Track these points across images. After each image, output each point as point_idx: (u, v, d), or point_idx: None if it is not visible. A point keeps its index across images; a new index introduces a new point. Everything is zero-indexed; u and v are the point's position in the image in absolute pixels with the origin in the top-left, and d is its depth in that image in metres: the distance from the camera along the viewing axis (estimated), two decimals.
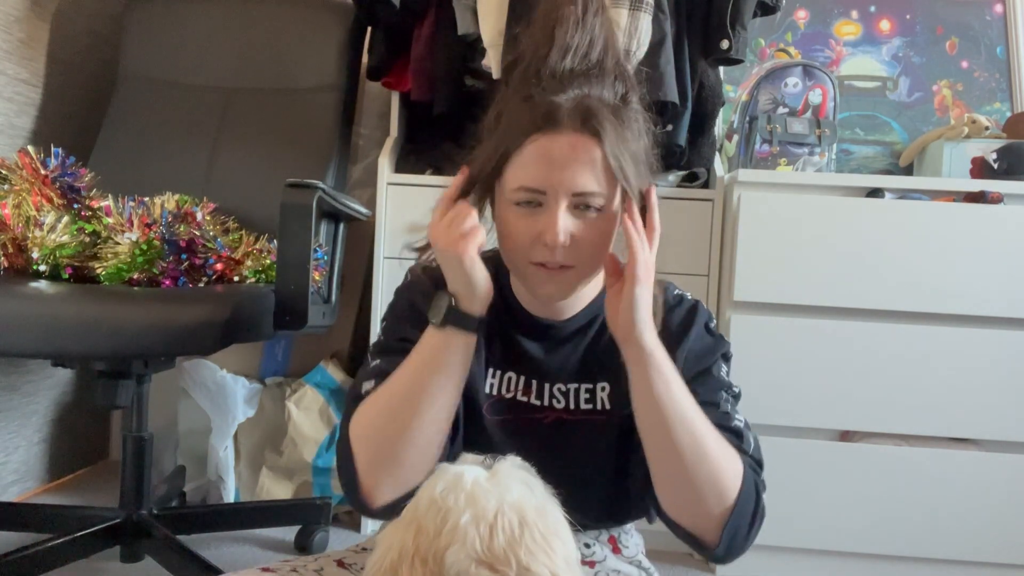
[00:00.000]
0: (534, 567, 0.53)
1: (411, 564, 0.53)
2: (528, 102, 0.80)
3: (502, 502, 0.55)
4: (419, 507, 0.56)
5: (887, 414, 1.58)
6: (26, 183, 1.39)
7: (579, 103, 0.78)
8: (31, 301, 1.18)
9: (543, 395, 0.89)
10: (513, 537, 0.53)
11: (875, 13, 2.11)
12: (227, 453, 1.76)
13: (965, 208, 1.57)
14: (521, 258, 0.82)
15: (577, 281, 0.84)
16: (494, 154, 0.81)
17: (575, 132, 0.77)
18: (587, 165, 0.77)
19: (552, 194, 0.78)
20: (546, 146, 0.77)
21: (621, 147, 0.78)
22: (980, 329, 1.55)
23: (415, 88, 1.72)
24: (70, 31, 1.89)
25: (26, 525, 1.49)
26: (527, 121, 0.79)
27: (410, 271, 0.96)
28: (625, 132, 0.79)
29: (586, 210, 0.78)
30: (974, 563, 1.59)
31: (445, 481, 0.57)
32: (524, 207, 0.80)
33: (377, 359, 0.88)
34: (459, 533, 0.53)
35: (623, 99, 0.82)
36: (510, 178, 0.80)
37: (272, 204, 1.24)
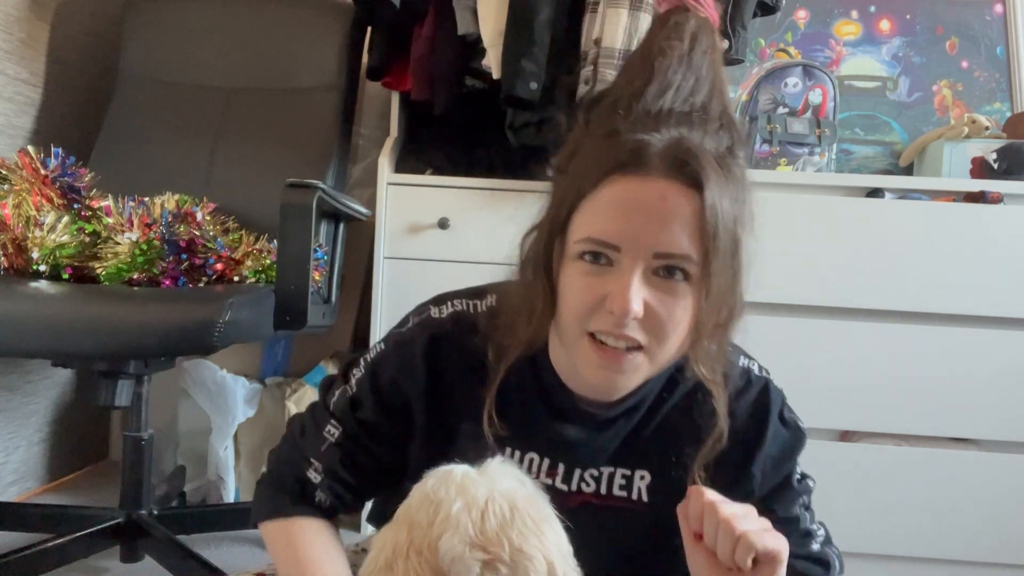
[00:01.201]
0: (526, 548, 0.54)
1: (406, 557, 0.53)
2: (611, 139, 0.66)
3: (492, 490, 0.56)
4: (411, 505, 0.57)
5: (887, 414, 1.58)
6: (26, 183, 1.39)
7: (675, 143, 0.64)
8: (31, 301, 1.18)
9: (571, 480, 0.78)
10: (505, 520, 0.54)
11: (875, 13, 2.11)
12: (227, 453, 1.76)
13: (965, 208, 1.57)
14: (576, 328, 0.67)
15: (644, 369, 0.67)
16: (562, 200, 0.67)
17: (667, 177, 0.62)
18: (678, 220, 0.62)
19: (628, 251, 0.63)
20: (628, 190, 0.63)
21: (724, 203, 0.63)
22: (980, 329, 1.55)
23: (415, 88, 1.72)
24: (70, 31, 1.89)
25: (26, 525, 1.48)
26: (607, 158, 0.65)
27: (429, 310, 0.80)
28: (730, 187, 0.65)
29: (669, 276, 0.63)
30: (974, 563, 1.59)
31: (435, 477, 0.58)
32: (590, 263, 0.65)
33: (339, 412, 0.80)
34: (451, 521, 0.53)
35: (729, 151, 0.67)
36: (578, 226, 0.66)
37: (272, 204, 1.24)
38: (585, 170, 0.66)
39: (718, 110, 0.68)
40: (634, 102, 0.67)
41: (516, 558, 0.53)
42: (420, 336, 0.78)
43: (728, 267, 0.65)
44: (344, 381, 0.83)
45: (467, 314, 0.79)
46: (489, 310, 0.78)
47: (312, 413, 0.84)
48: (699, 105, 0.67)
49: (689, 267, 0.63)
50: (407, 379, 0.77)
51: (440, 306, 0.80)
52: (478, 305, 0.79)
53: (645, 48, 0.70)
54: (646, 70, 0.68)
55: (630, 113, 0.66)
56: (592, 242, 0.64)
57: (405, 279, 1.67)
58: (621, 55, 1.48)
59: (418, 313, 0.81)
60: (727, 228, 0.64)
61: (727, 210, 0.64)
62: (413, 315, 0.82)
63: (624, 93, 0.68)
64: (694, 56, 0.68)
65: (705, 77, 0.68)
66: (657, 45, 0.69)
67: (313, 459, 0.80)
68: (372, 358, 0.82)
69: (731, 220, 0.64)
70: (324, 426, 0.81)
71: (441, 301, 0.81)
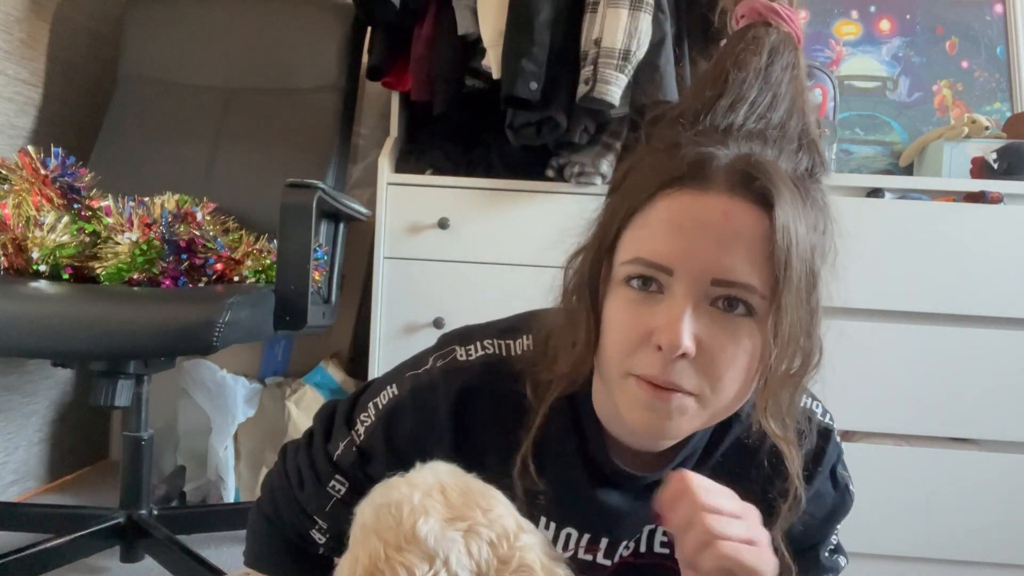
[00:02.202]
0: (495, 508, 0.54)
1: (386, 560, 0.52)
2: (670, 151, 0.59)
3: (437, 476, 0.56)
4: (366, 520, 0.55)
5: (887, 414, 1.58)
6: (26, 183, 1.39)
7: (743, 157, 0.56)
8: (31, 301, 1.18)
9: (613, 553, 0.71)
10: (466, 492, 0.54)
11: (875, 13, 2.10)
12: (227, 453, 1.76)
13: (965, 208, 1.57)
14: (618, 367, 0.58)
15: (695, 417, 0.58)
16: (612, 218, 0.60)
17: (731, 194, 0.55)
18: (742, 242, 0.54)
19: (682, 275, 0.55)
20: (685, 206, 0.55)
21: (799, 228, 0.55)
22: (980, 329, 1.55)
23: (415, 88, 1.72)
24: (70, 31, 1.89)
25: (26, 525, 1.48)
26: (664, 171, 0.57)
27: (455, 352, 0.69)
28: (807, 212, 0.57)
29: (729, 309, 0.55)
30: (974, 563, 1.59)
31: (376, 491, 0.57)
32: (638, 289, 0.56)
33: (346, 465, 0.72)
34: (419, 510, 0.53)
35: (808, 173, 0.60)
36: (626, 245, 0.58)
37: (272, 204, 1.24)
38: (639, 184, 0.59)
39: (798, 130, 0.61)
40: (701, 115, 0.60)
41: (490, 518, 0.54)
42: (444, 386, 0.68)
43: (803, 303, 0.57)
44: (349, 427, 0.74)
45: (499, 358, 0.69)
46: (524, 353, 0.68)
47: (311, 462, 0.75)
48: (775, 123, 0.60)
49: (753, 300, 0.55)
50: (428, 434, 0.69)
51: (467, 347, 0.70)
52: (511, 347, 0.70)
53: (719, 60, 0.63)
54: (718, 82, 0.61)
55: (695, 126, 0.60)
56: (641, 263, 0.56)
57: (405, 279, 1.67)
58: (621, 55, 1.48)
59: (442, 355, 0.70)
60: (802, 257, 0.56)
61: (803, 236, 0.56)
62: (434, 355, 0.71)
63: (691, 106, 0.62)
64: (772, 71, 0.60)
65: (784, 94, 0.61)
66: (732, 58, 0.61)
67: (317, 518, 0.74)
68: (385, 406, 0.71)
69: (807, 249, 0.57)
70: (328, 481, 0.73)
71: (468, 340, 0.70)
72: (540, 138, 1.59)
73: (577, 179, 1.61)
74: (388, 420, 0.71)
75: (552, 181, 1.66)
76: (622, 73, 1.49)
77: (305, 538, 0.76)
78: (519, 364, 0.67)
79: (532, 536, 0.55)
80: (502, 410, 0.67)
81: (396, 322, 1.66)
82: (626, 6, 1.48)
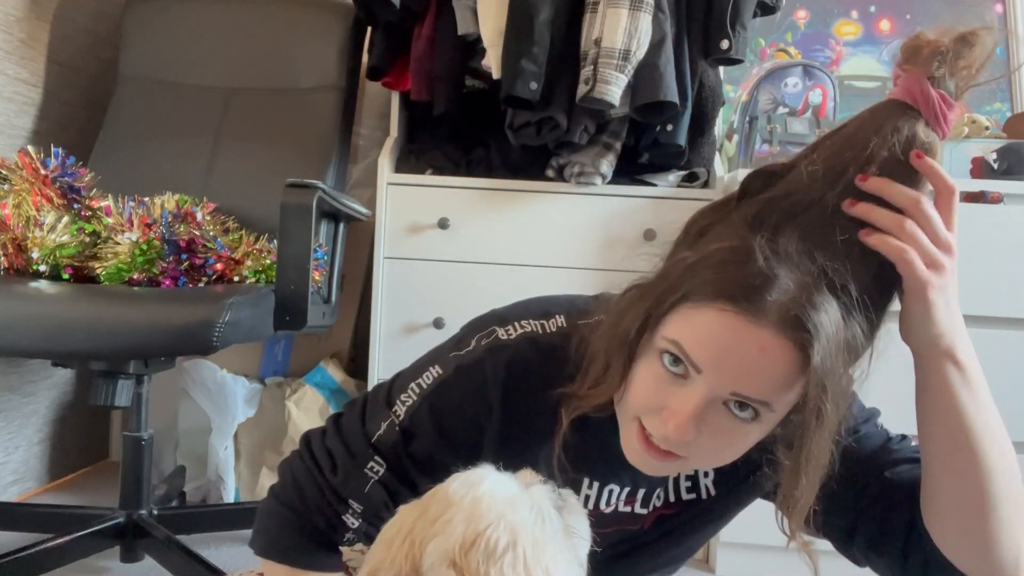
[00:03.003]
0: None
1: (401, 544, 0.53)
2: (740, 256, 0.59)
3: (502, 517, 0.54)
4: (436, 494, 0.57)
5: (887, 414, 1.58)
6: (26, 183, 1.39)
7: (801, 299, 0.56)
8: (31, 301, 1.18)
9: (649, 502, 0.78)
10: (493, 552, 0.53)
11: (875, 13, 2.11)
12: (227, 453, 1.76)
13: (965, 208, 1.57)
14: (630, 413, 0.65)
15: (677, 471, 0.69)
16: (672, 288, 0.61)
17: (776, 331, 0.56)
18: (769, 373, 0.58)
19: (707, 379, 0.59)
20: (731, 328, 0.57)
21: (835, 361, 0.57)
22: (980, 329, 1.55)
23: (415, 88, 1.72)
24: (70, 31, 1.89)
25: (26, 525, 1.48)
26: (725, 281, 0.58)
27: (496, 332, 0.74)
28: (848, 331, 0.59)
29: (739, 410, 0.60)
30: None
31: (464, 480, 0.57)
32: (668, 366, 0.61)
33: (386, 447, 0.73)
34: (448, 529, 0.53)
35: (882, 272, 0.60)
36: (672, 324, 0.61)
37: (272, 204, 1.24)
38: (703, 277, 0.60)
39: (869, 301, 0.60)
40: (799, 214, 0.59)
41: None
42: (491, 361, 0.72)
43: (828, 439, 0.60)
44: (388, 408, 0.75)
45: (540, 335, 0.73)
46: (560, 331, 0.73)
47: (345, 445, 0.75)
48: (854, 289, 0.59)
49: (763, 410, 0.60)
50: (478, 408, 0.72)
51: (506, 327, 0.74)
52: (546, 325, 0.74)
53: (846, 141, 0.61)
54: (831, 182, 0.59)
55: (778, 235, 0.59)
56: (679, 349, 0.60)
57: (405, 279, 1.67)
58: (621, 55, 1.48)
59: (485, 335, 0.74)
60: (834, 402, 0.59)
61: (835, 384, 0.58)
62: (476, 335, 0.75)
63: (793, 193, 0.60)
64: None
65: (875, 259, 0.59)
66: (867, 151, 0.59)
67: (352, 501, 0.73)
68: (430, 385, 0.74)
69: (839, 394, 0.59)
70: (366, 463, 0.73)
71: (505, 321, 0.75)
72: (540, 138, 1.59)
73: (577, 179, 1.61)
74: (434, 398, 0.74)
75: (552, 181, 1.66)
76: (622, 73, 1.49)
77: (333, 523, 0.74)
78: (557, 341, 0.72)
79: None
80: (547, 377, 0.71)
81: (396, 322, 1.66)
82: (626, 6, 1.48)
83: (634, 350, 0.64)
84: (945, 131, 0.60)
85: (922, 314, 0.59)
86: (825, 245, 0.59)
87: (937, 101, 0.59)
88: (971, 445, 0.62)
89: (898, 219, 0.57)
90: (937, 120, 0.59)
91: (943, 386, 0.62)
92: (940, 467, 0.65)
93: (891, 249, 0.57)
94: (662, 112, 1.58)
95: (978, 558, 0.65)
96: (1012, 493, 0.63)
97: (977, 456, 0.62)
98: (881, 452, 0.73)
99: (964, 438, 0.62)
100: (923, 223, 0.58)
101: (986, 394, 0.63)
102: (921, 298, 0.58)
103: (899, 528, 0.69)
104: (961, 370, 0.62)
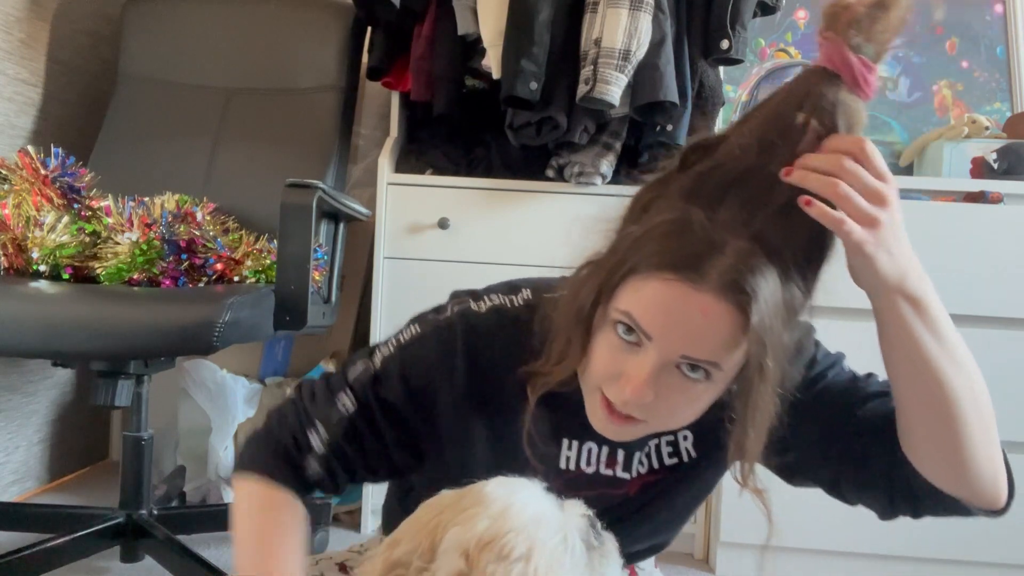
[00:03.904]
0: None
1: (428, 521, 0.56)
2: (682, 227, 0.62)
3: (523, 525, 0.56)
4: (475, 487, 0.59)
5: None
6: (26, 183, 1.39)
7: (738, 264, 0.60)
8: (31, 301, 1.18)
9: (631, 465, 0.79)
10: (505, 557, 0.54)
11: None
12: (227, 453, 1.76)
13: (965, 208, 1.57)
14: (592, 383, 0.70)
15: (642, 434, 0.71)
16: (620, 262, 0.65)
17: (717, 296, 0.60)
18: (714, 335, 0.61)
19: (658, 345, 0.63)
20: (676, 296, 0.61)
21: (774, 320, 0.61)
22: (980, 329, 1.55)
23: (415, 88, 1.72)
24: (70, 31, 1.89)
25: (26, 525, 1.49)
26: (669, 251, 0.62)
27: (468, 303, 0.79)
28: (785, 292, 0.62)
29: (691, 371, 0.64)
30: (974, 563, 1.59)
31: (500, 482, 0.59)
32: (622, 336, 0.65)
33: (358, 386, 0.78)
34: (470, 524, 0.55)
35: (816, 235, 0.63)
36: (623, 296, 0.64)
37: (272, 204, 1.24)
38: (647, 249, 0.63)
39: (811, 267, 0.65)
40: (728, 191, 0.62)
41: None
42: (461, 326, 0.77)
43: (772, 394, 0.64)
44: (369, 357, 0.81)
45: (507, 308, 0.78)
46: (526, 304, 0.78)
47: (326, 381, 0.81)
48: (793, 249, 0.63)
49: (713, 371, 0.63)
50: (443, 368, 0.76)
51: (478, 301, 0.79)
52: (514, 300, 0.79)
53: (781, 110, 0.63)
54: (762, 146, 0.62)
55: (716, 204, 0.62)
56: (631, 319, 0.64)
57: (405, 279, 1.67)
58: (621, 55, 1.48)
59: (458, 302, 0.80)
60: (775, 358, 0.63)
61: (776, 343, 0.62)
62: (451, 303, 0.80)
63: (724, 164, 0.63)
64: None
65: None
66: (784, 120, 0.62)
67: (319, 423, 0.77)
68: (405, 339, 0.80)
69: (780, 351, 0.63)
70: (339, 396, 0.78)
71: (477, 297, 0.80)
72: (540, 138, 1.59)
73: (577, 179, 1.61)
74: (406, 351, 0.79)
75: (552, 181, 1.66)
76: (622, 73, 1.49)
77: (300, 442, 0.78)
78: (522, 311, 0.77)
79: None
80: (511, 347, 0.75)
81: (396, 322, 1.64)
82: (626, 6, 1.48)
83: (591, 324, 0.68)
84: (867, 94, 0.63)
85: (865, 267, 0.62)
86: (761, 211, 0.62)
87: (857, 66, 0.61)
88: (934, 374, 0.64)
89: (831, 183, 0.60)
90: (858, 84, 0.62)
91: (897, 322, 0.64)
92: (908, 400, 0.67)
93: (829, 220, 0.60)
94: (662, 112, 1.58)
95: (958, 480, 0.68)
96: (981, 415, 0.67)
97: (941, 384, 0.65)
98: (849, 392, 0.76)
99: (925, 368, 0.64)
100: (852, 180, 0.60)
101: (944, 324, 0.66)
102: (861, 254, 0.61)
103: (881, 463, 0.71)
104: (913, 304, 0.64)
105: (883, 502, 0.74)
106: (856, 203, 0.60)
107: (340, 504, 1.77)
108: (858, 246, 0.60)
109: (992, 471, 0.68)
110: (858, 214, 0.60)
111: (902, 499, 0.72)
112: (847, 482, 0.75)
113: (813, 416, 0.73)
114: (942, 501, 0.70)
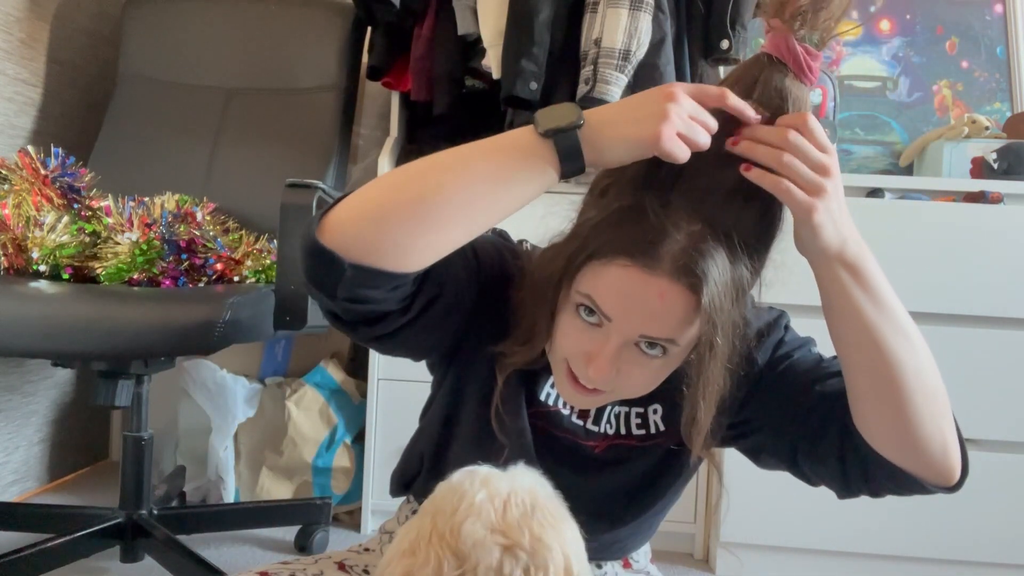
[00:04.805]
0: (545, 538, 0.55)
1: (428, 541, 0.55)
2: (636, 214, 0.65)
3: (515, 485, 0.58)
4: (436, 496, 0.59)
5: None
6: (26, 183, 1.39)
7: (689, 248, 0.64)
8: (31, 301, 1.18)
9: (600, 420, 0.82)
10: (525, 512, 0.56)
11: (875, 13, 2.11)
12: (227, 453, 1.76)
13: (965, 208, 1.57)
14: (559, 357, 0.73)
15: (605, 402, 0.76)
16: (581, 247, 0.69)
17: (671, 279, 0.64)
18: (669, 315, 0.65)
19: (617, 326, 0.67)
20: (632, 281, 0.65)
21: (723, 300, 0.65)
22: (980, 329, 1.55)
23: (415, 88, 1.72)
24: (70, 31, 1.89)
25: (26, 525, 1.49)
26: (625, 238, 0.65)
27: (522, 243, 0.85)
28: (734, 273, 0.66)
29: (649, 348, 0.68)
30: (974, 563, 1.59)
31: (461, 472, 0.60)
32: (584, 317, 0.69)
33: None
34: (475, 509, 0.55)
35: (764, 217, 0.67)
36: (584, 279, 0.68)
37: (272, 204, 1.24)
38: (605, 235, 0.67)
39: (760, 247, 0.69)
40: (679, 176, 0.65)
41: (535, 547, 0.55)
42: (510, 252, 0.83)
43: (722, 367, 0.69)
44: None
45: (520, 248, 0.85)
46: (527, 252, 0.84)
47: None
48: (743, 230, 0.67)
49: (670, 347, 0.68)
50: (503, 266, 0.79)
51: None
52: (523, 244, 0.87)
53: None
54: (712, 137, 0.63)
55: (668, 190, 0.65)
56: (592, 302, 0.67)
57: None
58: (621, 55, 1.48)
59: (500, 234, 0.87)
60: (724, 334, 0.67)
61: (726, 319, 0.67)
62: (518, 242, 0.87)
63: None
64: None
65: None
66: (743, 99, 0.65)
67: None
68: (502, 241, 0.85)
69: (729, 326, 0.68)
70: None
71: None
72: None
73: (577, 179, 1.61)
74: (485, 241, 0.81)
75: None
76: (622, 73, 1.49)
77: None
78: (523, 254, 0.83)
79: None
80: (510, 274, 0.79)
81: None
82: (626, 6, 1.48)
83: (555, 305, 0.72)
84: (811, 80, 0.67)
85: (809, 234, 0.64)
86: (711, 196, 0.65)
87: (802, 55, 0.65)
88: (875, 342, 0.66)
89: (775, 153, 0.62)
90: (803, 71, 0.66)
91: (838, 290, 0.66)
92: (851, 368, 0.69)
93: (769, 182, 0.63)
94: None
95: (906, 451, 0.69)
96: (926, 384, 0.68)
97: (882, 351, 0.66)
98: (811, 371, 0.78)
99: (866, 336, 0.66)
100: (797, 152, 0.62)
101: (885, 292, 0.67)
102: (805, 222, 0.63)
103: (833, 435, 0.73)
104: (852, 271, 0.66)
105: (838, 477, 0.75)
106: (801, 172, 0.62)
107: (340, 504, 1.77)
108: (804, 210, 0.63)
109: (941, 443, 0.69)
110: (803, 182, 0.62)
111: (856, 473, 0.73)
112: (804, 456, 0.76)
113: (775, 394, 0.77)
114: (894, 476, 0.71)
